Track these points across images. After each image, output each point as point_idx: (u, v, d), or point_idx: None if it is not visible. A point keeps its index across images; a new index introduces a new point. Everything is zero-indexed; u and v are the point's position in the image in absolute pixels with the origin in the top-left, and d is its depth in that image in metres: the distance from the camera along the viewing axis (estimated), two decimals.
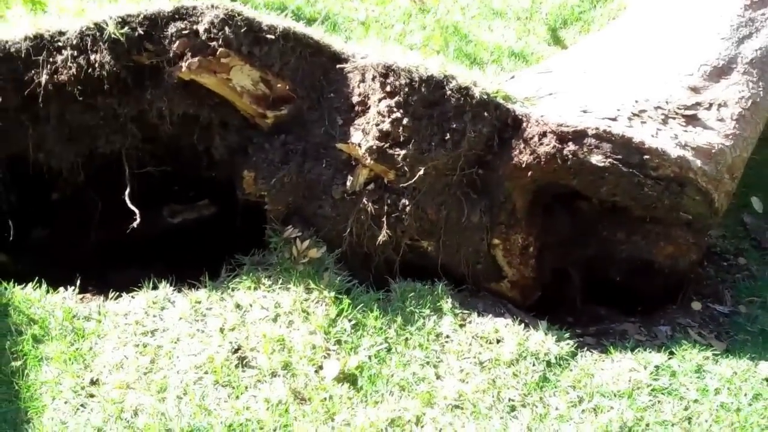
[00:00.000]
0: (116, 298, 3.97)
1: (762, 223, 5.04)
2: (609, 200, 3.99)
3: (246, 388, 3.57)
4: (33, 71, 3.75)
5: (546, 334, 3.89)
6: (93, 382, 3.59)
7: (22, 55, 3.73)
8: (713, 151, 4.13)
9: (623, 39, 4.88)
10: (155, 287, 3.97)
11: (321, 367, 3.67)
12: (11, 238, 4.10)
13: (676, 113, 4.18)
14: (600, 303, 4.44)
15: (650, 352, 3.95)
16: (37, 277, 3.99)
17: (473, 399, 3.59)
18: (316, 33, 3.93)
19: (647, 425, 3.56)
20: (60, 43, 3.72)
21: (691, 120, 4.20)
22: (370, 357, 3.70)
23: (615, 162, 3.83)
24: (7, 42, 3.74)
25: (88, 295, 4.07)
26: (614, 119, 3.98)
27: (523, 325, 3.92)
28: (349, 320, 3.82)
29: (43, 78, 3.70)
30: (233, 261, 4.08)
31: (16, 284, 3.97)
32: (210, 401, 3.50)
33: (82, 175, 4.15)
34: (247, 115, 3.95)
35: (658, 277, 4.33)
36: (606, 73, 4.46)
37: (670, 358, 3.91)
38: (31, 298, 3.91)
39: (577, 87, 4.30)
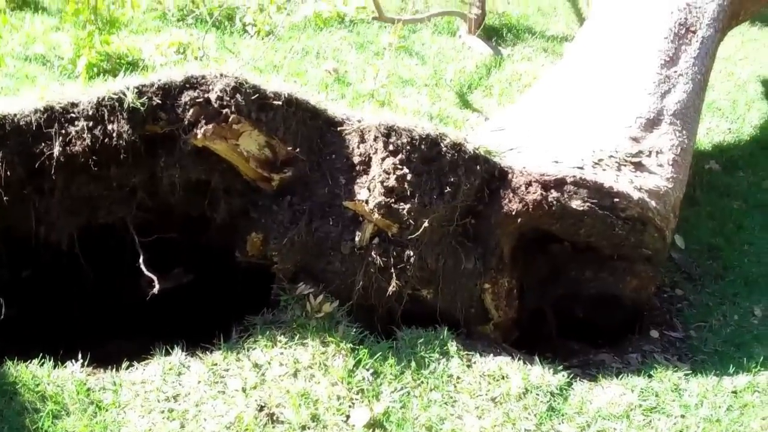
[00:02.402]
0: (128, 368, 3.94)
1: (687, 258, 5.60)
2: (583, 241, 4.39)
3: None
4: (43, 144, 3.73)
5: (543, 368, 4.19)
6: None
7: (33, 128, 3.71)
8: (661, 192, 4.63)
9: (555, 95, 5.34)
10: (167, 353, 3.98)
11: (348, 416, 3.79)
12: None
13: (626, 161, 4.66)
14: (568, 338, 4.79)
15: (631, 377, 4.33)
16: (40, 353, 3.91)
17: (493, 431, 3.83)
18: (313, 98, 4.13)
19: None
20: (73, 115, 3.74)
21: (638, 167, 4.69)
22: (393, 402, 3.87)
23: (592, 206, 4.24)
24: (16, 115, 3.71)
25: (92, 367, 3.99)
26: (581, 168, 4.41)
27: (522, 361, 4.20)
28: (367, 369, 3.98)
29: (56, 150, 3.70)
30: (244, 321, 4.14)
31: (18, 362, 3.88)
32: None
33: (77, 247, 4.10)
34: (250, 179, 4.08)
35: (619, 310, 4.75)
36: (555, 127, 4.89)
37: (650, 381, 4.30)
38: (39, 375, 3.82)
39: (536, 141, 4.69)
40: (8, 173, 3.71)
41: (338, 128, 4.14)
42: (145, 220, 4.14)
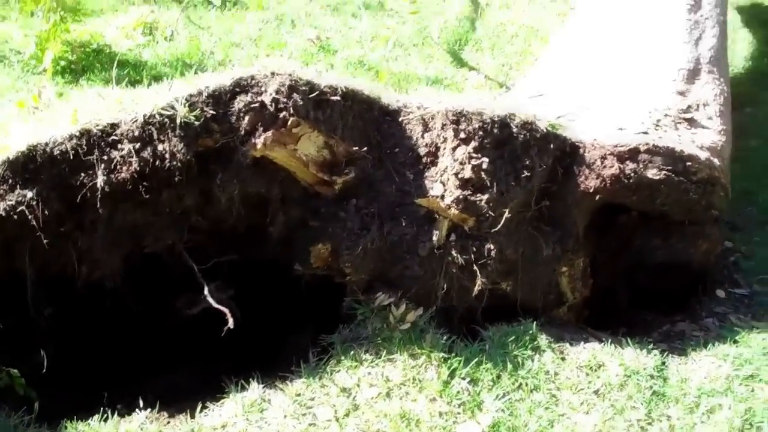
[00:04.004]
0: (202, 410, 3.53)
1: (726, 208, 5.41)
2: (657, 210, 4.13)
3: None
4: (83, 173, 3.23)
5: (635, 349, 3.95)
6: None
7: (70, 157, 3.20)
8: (718, 148, 4.41)
9: (583, 51, 5.05)
10: (243, 388, 3.58)
11: None
12: (44, 369, 3.52)
13: (680, 118, 4.41)
14: (636, 309, 4.56)
15: (718, 345, 4.13)
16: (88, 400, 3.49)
17: (608, 427, 3.57)
18: (365, 86, 3.72)
19: (756, 411, 3.72)
20: (115, 137, 3.24)
21: (692, 123, 4.45)
22: (498, 411, 3.57)
23: (668, 173, 3.98)
24: (47, 144, 3.19)
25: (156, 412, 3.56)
26: (646, 132, 4.13)
27: (612, 345, 3.95)
28: (463, 378, 3.66)
29: (99, 179, 3.20)
30: (320, 341, 3.76)
31: (75, 421, 3.44)
32: None
33: (119, 281, 3.63)
34: (308, 185, 3.66)
35: (684, 274, 4.53)
36: (597, 88, 4.59)
37: (738, 348, 4.10)
38: None
39: (584, 106, 4.39)
40: (45, 212, 3.20)
41: (396, 117, 3.75)
42: (195, 242, 3.68)
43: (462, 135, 3.64)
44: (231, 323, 3.47)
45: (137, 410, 3.53)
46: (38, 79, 5.58)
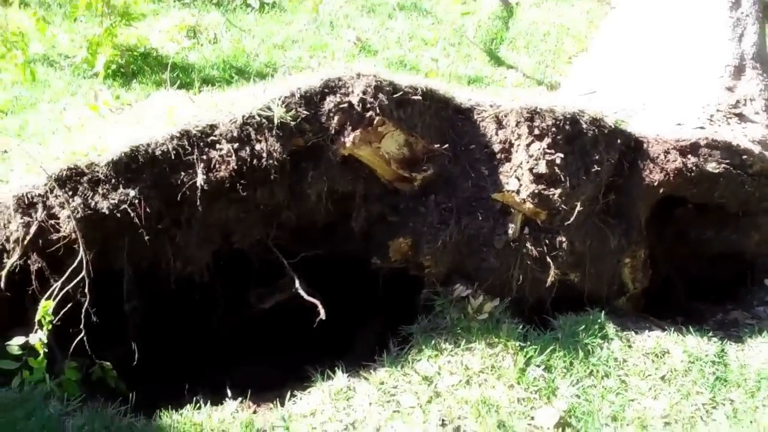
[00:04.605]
0: (290, 398, 3.66)
1: None
2: (715, 203, 4.28)
3: None
4: (182, 173, 3.36)
5: (696, 337, 4.10)
6: None
7: (171, 157, 3.33)
8: (766, 141, 4.55)
9: (628, 49, 5.19)
10: (328, 377, 3.72)
11: (533, 418, 3.63)
12: (135, 362, 3.64)
13: (730, 113, 4.56)
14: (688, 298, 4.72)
15: None
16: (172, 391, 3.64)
17: (675, 411, 3.72)
18: (440, 86, 3.86)
19: None
20: (214, 138, 3.37)
21: (741, 117, 4.60)
22: (572, 397, 3.72)
23: (727, 166, 4.13)
24: (149, 145, 3.31)
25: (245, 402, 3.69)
26: (703, 127, 4.28)
27: (675, 333, 4.10)
28: (538, 366, 3.81)
29: (200, 178, 3.33)
30: (400, 332, 3.90)
31: (170, 410, 3.57)
32: None
33: (207, 276, 3.75)
34: (387, 181, 3.80)
35: (733, 265, 4.69)
36: (648, 85, 4.73)
37: None
38: (199, 422, 3.52)
39: (640, 102, 4.53)
40: (147, 209, 3.33)
41: (469, 115, 3.89)
42: (278, 239, 3.81)
43: (536, 132, 3.78)
44: (323, 314, 3.59)
45: (227, 399, 3.66)
46: (90, 83, 5.69)
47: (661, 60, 4.95)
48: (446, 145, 3.79)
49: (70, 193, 3.25)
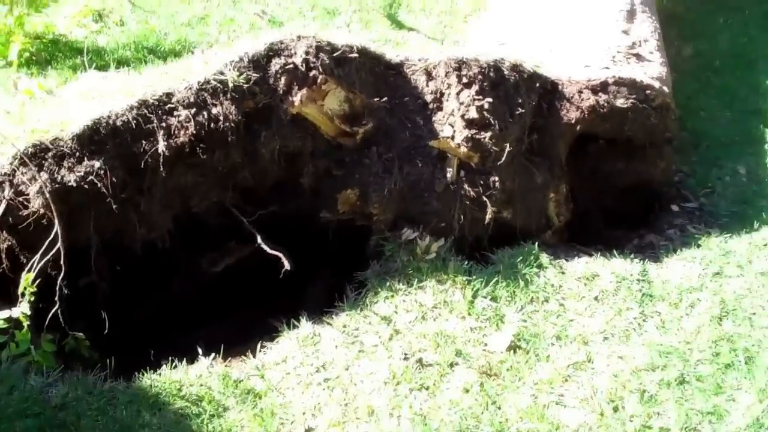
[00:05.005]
0: (261, 349, 3.87)
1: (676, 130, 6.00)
2: (624, 136, 4.67)
3: (437, 384, 3.75)
4: (143, 141, 3.50)
5: (621, 260, 4.49)
6: (308, 431, 3.55)
7: (132, 127, 3.47)
8: (664, 77, 4.99)
9: (525, 3, 5.55)
10: (294, 327, 3.94)
11: (486, 344, 3.94)
12: (106, 330, 3.77)
13: (629, 54, 4.96)
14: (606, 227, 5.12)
15: (684, 250, 4.72)
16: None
17: (611, 326, 4.10)
18: (371, 44, 4.10)
19: (727, 301, 4.31)
20: (171, 105, 3.52)
21: (639, 57, 5.00)
22: (519, 322, 4.04)
23: (633, 101, 4.53)
24: (110, 117, 3.44)
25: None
26: (608, 67, 4.66)
27: (602, 258, 4.47)
28: (485, 297, 4.12)
29: (161, 145, 3.48)
30: (355, 277, 4.14)
31: (147, 372, 3.73)
32: (419, 407, 3.64)
33: (169, 241, 3.90)
34: (331, 137, 4.02)
35: (643, 194, 5.12)
36: (553, 33, 5.09)
37: (701, 251, 4.70)
38: (178, 379, 3.70)
39: (547, 48, 4.88)
40: (113, 179, 3.46)
41: (400, 70, 4.15)
42: (232, 201, 3.99)
43: (464, 80, 4.07)
44: (287, 265, 3.79)
45: (199, 357, 3.83)
46: (4, 72, 5.68)
47: (560, 10, 5.32)
48: (384, 99, 4.04)
49: (36, 168, 3.36)
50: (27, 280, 3.36)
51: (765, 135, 6.03)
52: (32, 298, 3.41)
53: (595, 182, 4.95)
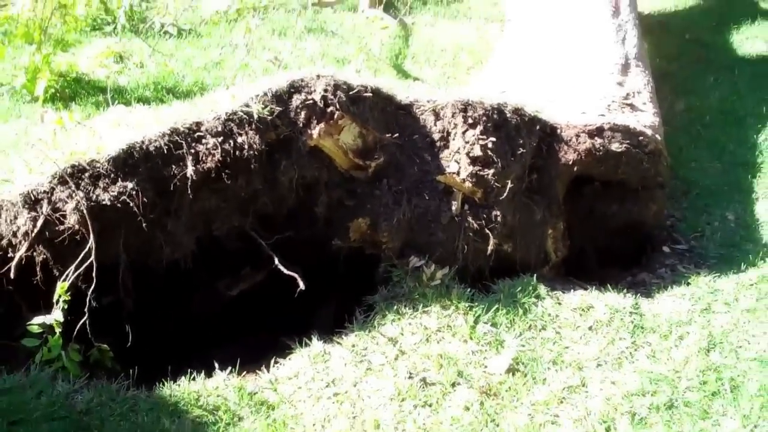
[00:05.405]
0: (274, 365, 4.12)
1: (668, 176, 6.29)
2: (617, 179, 4.97)
3: (439, 401, 3.98)
4: (173, 165, 3.79)
5: (614, 293, 4.75)
6: None
7: (163, 152, 3.76)
8: (656, 126, 5.31)
9: (528, 55, 5.90)
10: (306, 345, 4.19)
11: (486, 366, 4.18)
12: (129, 343, 4.01)
13: (623, 104, 5.29)
14: (601, 266, 5.39)
15: (675, 288, 4.99)
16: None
17: (604, 354, 4.34)
18: (384, 85, 4.42)
19: (714, 334, 4.56)
20: (200, 133, 3.82)
21: (632, 107, 5.34)
22: (518, 347, 4.29)
23: (628, 146, 4.84)
24: (143, 142, 3.74)
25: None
26: (603, 115, 4.98)
27: (597, 291, 4.74)
28: (486, 323, 4.37)
29: (189, 170, 3.77)
30: (364, 301, 4.40)
31: (167, 382, 3.97)
32: (422, 422, 3.87)
33: (191, 262, 4.17)
34: (344, 170, 4.32)
35: (635, 235, 5.41)
36: (552, 83, 5.43)
37: (691, 289, 4.98)
38: (196, 390, 3.93)
39: (547, 97, 5.21)
40: (144, 199, 3.74)
41: (409, 110, 4.46)
42: (251, 226, 4.27)
43: (470, 120, 4.39)
44: (302, 285, 4.05)
45: (215, 371, 4.07)
46: (30, 107, 6.00)
47: (559, 63, 5.67)
48: (395, 135, 4.35)
49: (74, 187, 3.64)
50: (63, 288, 3.62)
51: (752, 185, 6.34)
52: (65, 306, 3.66)
53: (590, 222, 5.23)
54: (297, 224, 4.40)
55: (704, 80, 8.16)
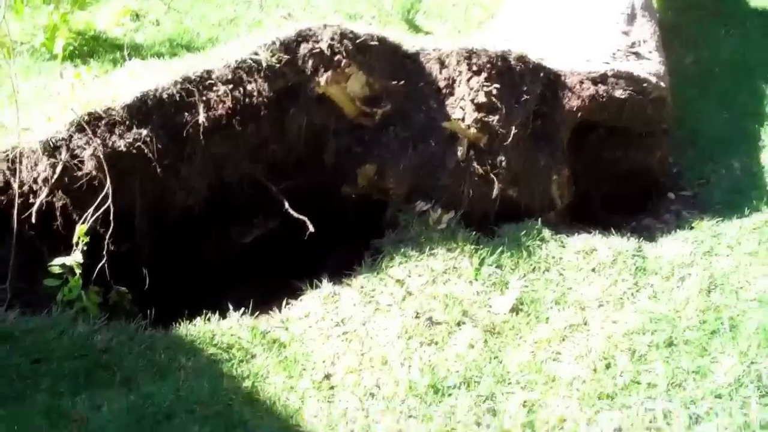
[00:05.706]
0: (286, 305, 4.28)
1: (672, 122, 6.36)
2: (622, 125, 5.06)
3: (445, 339, 4.13)
4: (185, 113, 3.93)
5: (618, 237, 4.86)
6: (327, 377, 3.94)
7: (176, 99, 3.91)
8: (661, 74, 5.38)
9: (534, 6, 5.97)
10: (316, 287, 4.35)
11: (490, 306, 4.32)
12: (146, 285, 4.18)
13: (629, 52, 5.36)
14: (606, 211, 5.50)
15: (679, 232, 5.09)
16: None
17: (606, 294, 4.46)
18: (391, 35, 4.52)
19: (715, 276, 4.67)
20: (211, 81, 3.95)
21: (638, 56, 5.40)
22: (521, 288, 4.42)
23: (631, 93, 4.92)
24: (156, 90, 3.88)
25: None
26: (607, 63, 5.06)
27: (600, 235, 4.85)
28: (490, 265, 4.50)
29: (201, 116, 3.91)
30: (372, 245, 4.54)
31: (184, 322, 4.14)
32: (428, 358, 4.02)
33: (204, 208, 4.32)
34: (352, 117, 4.44)
35: (640, 181, 5.50)
36: (557, 32, 5.50)
37: (694, 232, 5.07)
38: (211, 329, 4.10)
39: (552, 46, 5.28)
40: (158, 146, 3.89)
41: (415, 59, 4.56)
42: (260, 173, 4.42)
43: (474, 68, 4.49)
44: (311, 228, 4.20)
45: (230, 312, 4.24)
46: (50, 65, 6.14)
47: (566, 14, 5.73)
48: (401, 83, 4.47)
49: (91, 134, 3.79)
50: (81, 230, 3.79)
51: (760, 134, 6.38)
52: (85, 248, 3.82)
53: (595, 168, 5.33)
54: (306, 171, 4.54)
55: (715, 33, 8.17)
